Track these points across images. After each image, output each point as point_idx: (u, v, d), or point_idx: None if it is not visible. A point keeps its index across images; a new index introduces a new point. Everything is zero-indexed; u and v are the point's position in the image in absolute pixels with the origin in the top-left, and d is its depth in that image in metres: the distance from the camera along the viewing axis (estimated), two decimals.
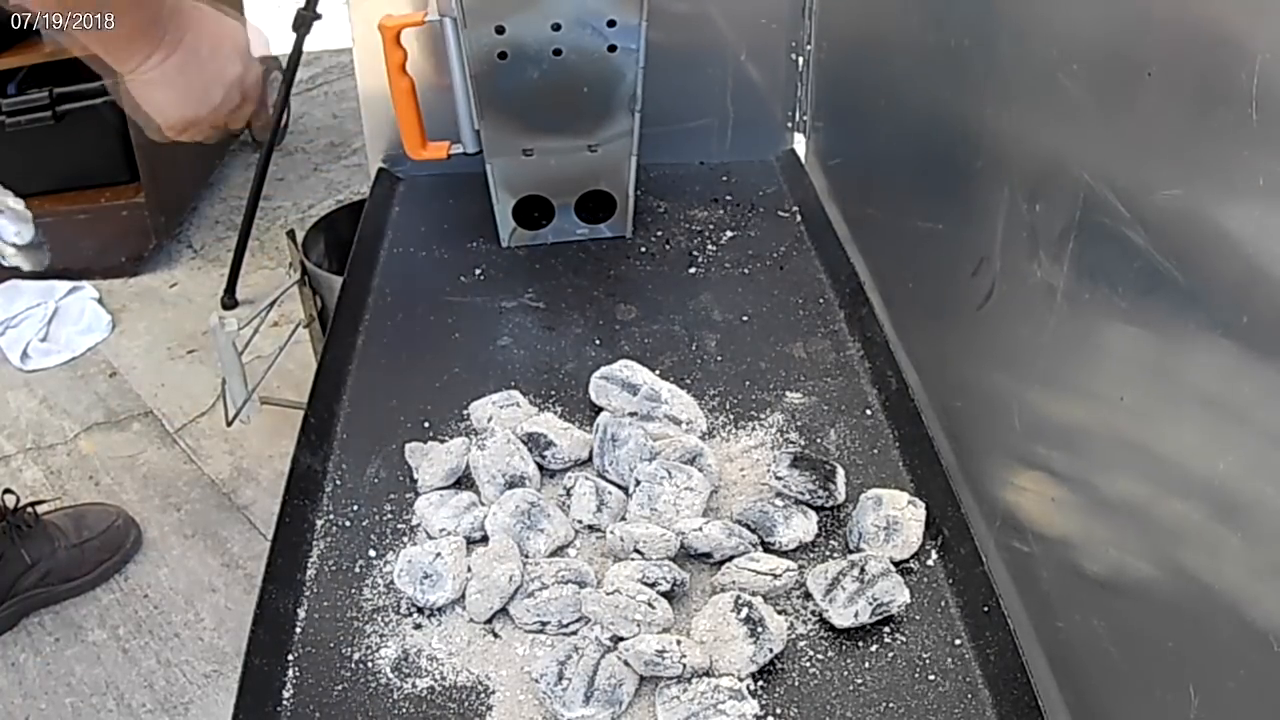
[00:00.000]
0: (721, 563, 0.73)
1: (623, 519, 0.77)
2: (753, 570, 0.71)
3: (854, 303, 1.01)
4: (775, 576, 0.71)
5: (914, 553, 0.75)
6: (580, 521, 0.77)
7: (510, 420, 0.85)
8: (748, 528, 0.75)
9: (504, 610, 0.71)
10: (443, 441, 0.84)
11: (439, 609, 0.71)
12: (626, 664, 0.65)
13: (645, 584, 0.69)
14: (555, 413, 0.88)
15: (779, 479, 0.78)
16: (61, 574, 1.48)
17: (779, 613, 0.69)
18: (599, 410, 0.86)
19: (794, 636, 0.69)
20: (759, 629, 0.66)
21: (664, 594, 0.69)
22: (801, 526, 0.76)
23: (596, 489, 0.77)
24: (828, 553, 0.76)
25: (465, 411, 0.89)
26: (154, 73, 0.76)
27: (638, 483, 0.78)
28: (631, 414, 0.84)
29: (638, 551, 0.72)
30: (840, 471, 0.79)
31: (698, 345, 0.97)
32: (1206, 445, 0.53)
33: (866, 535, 0.75)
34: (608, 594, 0.67)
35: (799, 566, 0.72)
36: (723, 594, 0.69)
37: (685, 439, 0.82)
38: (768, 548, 0.75)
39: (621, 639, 0.66)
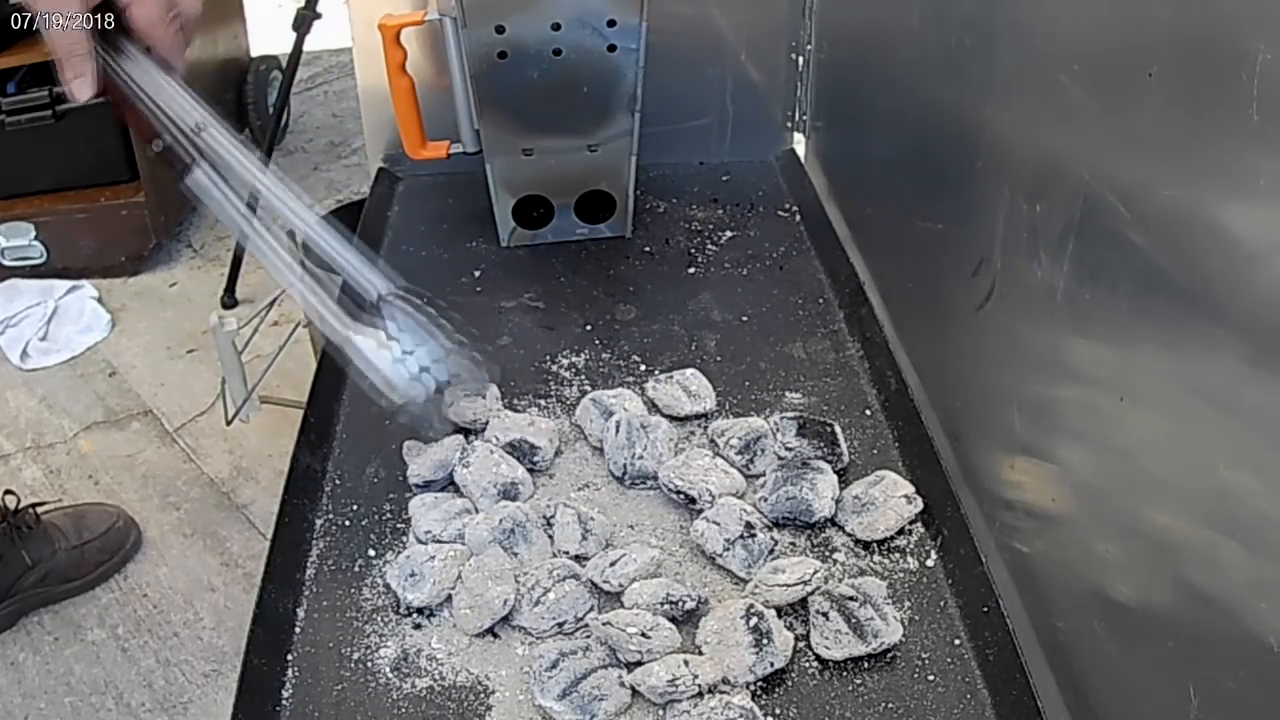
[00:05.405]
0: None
1: (608, 545, 0.76)
2: (783, 585, 0.70)
3: (854, 303, 1.01)
4: (805, 584, 0.70)
5: (882, 538, 0.76)
6: (566, 552, 0.75)
7: (457, 412, 0.85)
8: (779, 522, 0.77)
9: (505, 619, 0.70)
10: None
11: (436, 609, 0.71)
12: (633, 689, 0.65)
13: (670, 602, 0.69)
14: (537, 409, 0.89)
15: (788, 449, 0.79)
16: (61, 575, 1.48)
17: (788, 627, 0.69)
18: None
19: (794, 635, 0.69)
20: (764, 640, 0.66)
21: (688, 611, 0.69)
22: (830, 487, 0.77)
23: (579, 516, 0.76)
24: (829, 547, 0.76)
25: None
26: None
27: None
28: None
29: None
30: (839, 430, 0.82)
31: (697, 345, 0.97)
32: (1207, 446, 0.53)
33: (845, 503, 0.77)
34: (604, 624, 0.66)
35: (819, 570, 0.72)
36: (737, 601, 0.69)
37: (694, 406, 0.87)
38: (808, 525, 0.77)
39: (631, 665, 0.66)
